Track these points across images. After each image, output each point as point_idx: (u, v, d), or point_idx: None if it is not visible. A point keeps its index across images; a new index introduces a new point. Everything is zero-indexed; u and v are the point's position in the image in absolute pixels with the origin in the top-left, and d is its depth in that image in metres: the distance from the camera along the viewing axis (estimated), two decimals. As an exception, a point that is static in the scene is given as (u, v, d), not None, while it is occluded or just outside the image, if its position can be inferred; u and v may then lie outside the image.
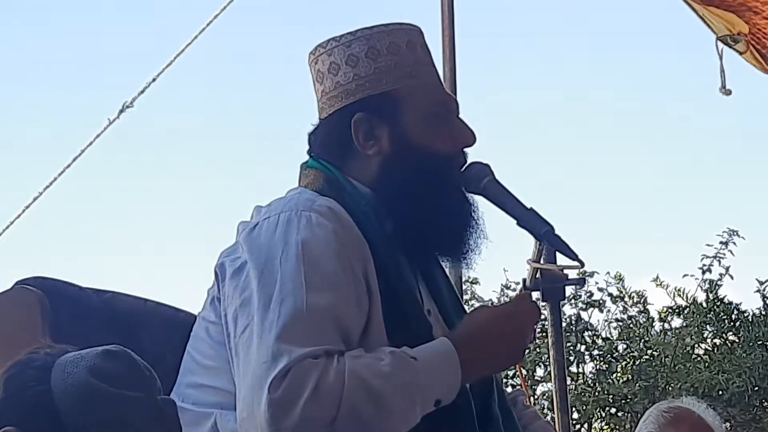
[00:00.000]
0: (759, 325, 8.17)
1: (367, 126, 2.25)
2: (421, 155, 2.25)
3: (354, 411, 1.97)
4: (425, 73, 2.32)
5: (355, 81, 2.26)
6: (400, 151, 2.25)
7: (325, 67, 2.29)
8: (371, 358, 2.03)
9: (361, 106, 2.26)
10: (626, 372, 8.46)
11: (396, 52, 2.28)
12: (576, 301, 8.63)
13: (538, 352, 8.22)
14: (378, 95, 2.26)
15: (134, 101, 5.21)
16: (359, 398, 1.98)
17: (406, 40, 2.30)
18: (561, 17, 10.84)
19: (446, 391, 2.08)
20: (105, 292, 2.42)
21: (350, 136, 2.26)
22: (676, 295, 8.47)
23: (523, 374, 8.06)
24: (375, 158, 2.26)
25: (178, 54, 5.20)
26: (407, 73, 2.28)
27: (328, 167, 2.28)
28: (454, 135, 2.30)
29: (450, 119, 2.31)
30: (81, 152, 5.21)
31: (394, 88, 2.26)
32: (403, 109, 2.26)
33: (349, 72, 2.27)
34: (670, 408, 3.70)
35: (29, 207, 5.26)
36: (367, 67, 2.26)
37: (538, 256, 2.46)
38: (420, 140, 2.26)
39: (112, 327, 2.34)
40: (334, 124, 2.29)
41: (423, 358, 2.07)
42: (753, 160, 11.17)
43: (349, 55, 2.27)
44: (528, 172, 9.39)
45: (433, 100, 2.30)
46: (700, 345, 8.39)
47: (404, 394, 2.03)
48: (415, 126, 2.26)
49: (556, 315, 2.64)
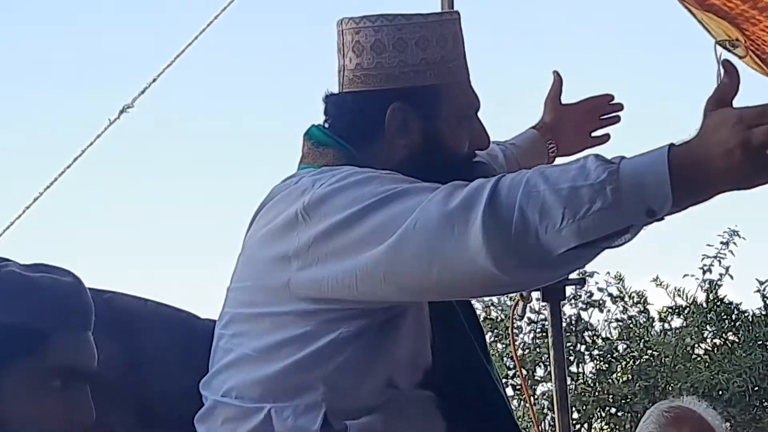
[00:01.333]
0: (759, 325, 8.18)
1: (403, 117, 2.19)
2: (448, 154, 2.21)
3: (527, 216, 1.81)
4: (463, 71, 2.27)
5: (399, 67, 2.19)
6: (429, 147, 2.20)
7: (369, 42, 2.19)
8: (558, 168, 1.85)
9: (400, 95, 2.19)
10: (626, 372, 8.47)
11: (444, 45, 2.22)
12: (576, 301, 8.64)
13: (538, 352, 8.23)
14: (420, 87, 2.19)
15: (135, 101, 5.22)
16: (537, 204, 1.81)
17: (453, 32, 2.24)
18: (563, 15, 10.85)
19: (656, 202, 1.79)
20: (105, 292, 2.41)
21: (382, 122, 2.19)
22: (676, 295, 8.48)
23: (523, 374, 8.07)
24: (403, 150, 2.20)
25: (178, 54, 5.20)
26: (450, 69, 2.22)
27: (349, 149, 2.20)
28: (474, 138, 2.26)
29: (476, 121, 2.28)
30: (81, 152, 5.21)
31: (436, 83, 2.21)
32: (440, 106, 2.21)
33: (395, 56, 2.19)
34: (670, 408, 3.70)
35: (30, 207, 5.26)
36: (414, 56, 2.19)
37: (538, 256, 2.46)
38: (450, 140, 2.22)
39: (112, 327, 2.34)
40: (366, 105, 2.21)
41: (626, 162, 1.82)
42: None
43: (399, 38, 2.19)
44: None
45: (467, 101, 2.26)
46: (700, 345, 8.39)
47: (590, 199, 1.79)
48: (449, 125, 2.22)
49: (556, 315, 2.65)
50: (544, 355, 8.03)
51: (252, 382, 2.11)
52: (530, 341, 8.41)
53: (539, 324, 8.16)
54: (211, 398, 2.17)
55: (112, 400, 2.24)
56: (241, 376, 2.13)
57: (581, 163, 1.83)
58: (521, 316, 2.38)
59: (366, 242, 1.95)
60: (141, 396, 2.31)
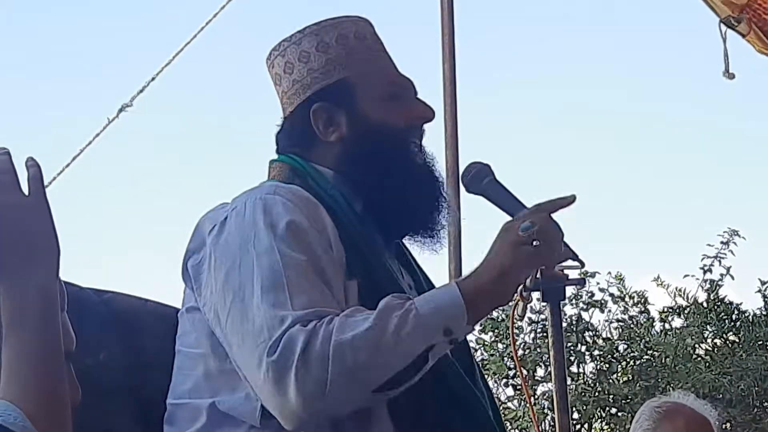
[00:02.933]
0: (760, 325, 8.17)
1: (326, 114, 2.32)
2: (378, 132, 2.31)
3: (345, 366, 1.99)
4: (377, 59, 2.38)
5: (310, 75, 2.34)
6: (358, 131, 2.31)
7: (281, 68, 2.38)
8: (364, 313, 2.05)
9: (318, 97, 2.33)
10: (627, 372, 8.46)
11: (345, 43, 2.35)
12: (577, 301, 8.62)
13: (539, 352, 8.22)
14: (332, 84, 2.33)
15: (133, 100, 5.22)
16: (346, 351, 2.00)
17: (353, 31, 2.37)
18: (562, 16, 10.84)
19: (453, 322, 2.07)
20: (105, 292, 2.42)
21: (312, 126, 2.32)
22: (677, 295, 8.47)
23: (524, 374, 8.06)
24: (337, 143, 2.32)
25: (177, 53, 5.21)
26: (358, 60, 2.35)
27: (293, 158, 2.34)
28: (410, 110, 2.35)
29: (405, 98, 2.37)
30: (80, 152, 5.22)
31: (347, 75, 2.33)
32: (357, 93, 2.33)
33: (302, 68, 2.35)
34: (661, 404, 3.72)
35: (29, 207, 5.23)
36: (319, 60, 2.34)
37: (538, 256, 2.45)
38: (376, 119, 2.32)
39: (112, 327, 2.34)
40: (295, 119, 2.35)
41: (420, 298, 2.10)
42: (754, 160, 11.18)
43: (301, 51, 2.35)
44: (528, 171, 9.40)
45: (386, 80, 2.36)
46: (700, 345, 8.39)
47: (395, 330, 2.03)
48: (370, 106, 2.32)
49: (557, 315, 2.63)
50: (544, 355, 8.02)
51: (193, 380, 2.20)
52: (531, 341, 8.40)
53: (540, 324, 8.15)
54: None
55: (112, 401, 2.24)
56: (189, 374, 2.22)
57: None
58: (521, 317, 2.36)
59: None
60: (141, 396, 2.31)
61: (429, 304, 2.07)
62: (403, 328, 2.03)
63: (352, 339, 2.00)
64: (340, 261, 2.17)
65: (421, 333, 2.04)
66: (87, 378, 1.94)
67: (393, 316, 2.03)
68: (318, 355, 1.99)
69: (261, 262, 2.10)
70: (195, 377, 2.20)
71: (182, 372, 2.23)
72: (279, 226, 2.13)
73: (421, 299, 2.09)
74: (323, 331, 2.00)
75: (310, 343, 1.99)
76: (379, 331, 2.02)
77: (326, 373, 1.99)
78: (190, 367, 2.21)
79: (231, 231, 2.16)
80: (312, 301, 2.06)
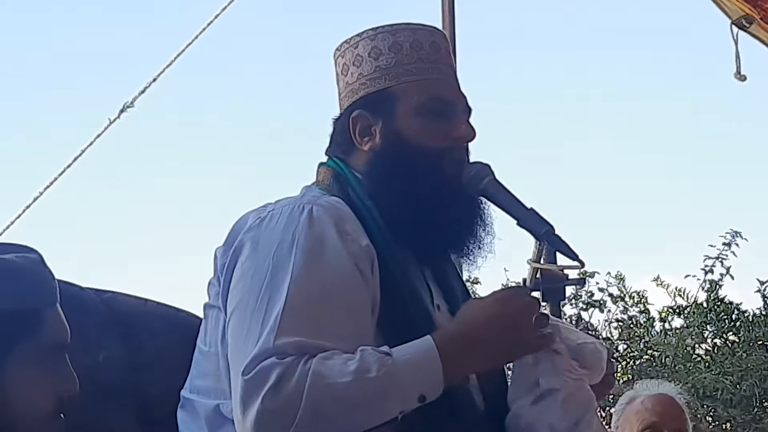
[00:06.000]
0: (759, 325, 8.17)
1: (364, 122, 2.32)
2: (407, 147, 2.29)
3: (316, 414, 1.99)
4: (429, 71, 2.34)
5: (359, 80, 2.35)
6: (389, 144, 2.30)
7: (339, 68, 2.40)
8: (342, 359, 2.03)
9: (361, 104, 2.33)
10: (627, 372, 8.46)
11: (398, 50, 2.34)
12: (576, 301, 8.62)
13: (539, 352, 8.21)
14: (375, 92, 2.32)
15: (135, 101, 5.22)
16: (321, 400, 1.99)
17: (411, 39, 2.35)
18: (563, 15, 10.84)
19: (428, 388, 2.06)
20: (105, 292, 2.42)
21: (350, 132, 2.33)
22: (677, 295, 8.46)
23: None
24: (369, 152, 2.32)
25: (179, 53, 5.22)
26: (407, 71, 2.33)
27: (338, 162, 2.35)
28: (449, 130, 2.31)
29: (447, 115, 2.32)
30: (81, 152, 5.22)
31: (391, 85, 2.32)
32: (397, 105, 2.31)
33: (354, 72, 2.36)
34: (626, 394, 4.01)
35: (30, 207, 5.27)
36: (369, 66, 2.34)
37: (538, 256, 2.46)
38: (409, 134, 2.30)
39: (112, 327, 2.35)
40: (340, 122, 2.37)
41: (399, 354, 2.07)
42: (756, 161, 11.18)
43: (356, 55, 2.36)
44: (528, 171, 9.40)
45: (430, 95, 2.32)
46: (700, 345, 8.38)
47: (373, 392, 2.02)
48: (407, 120, 2.30)
49: (557, 315, 2.64)
50: (544, 355, 8.01)
51: (207, 377, 2.20)
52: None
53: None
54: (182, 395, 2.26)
55: (112, 400, 2.24)
56: (201, 371, 2.23)
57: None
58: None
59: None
60: (141, 396, 2.31)
61: (408, 368, 2.05)
62: (380, 390, 2.02)
63: (328, 387, 2.00)
64: (368, 277, 2.15)
65: (399, 399, 2.04)
66: (87, 378, 1.95)
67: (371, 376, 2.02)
68: (290, 393, 1.99)
69: (274, 277, 2.10)
70: (207, 376, 2.21)
71: (198, 366, 2.24)
72: (304, 244, 2.12)
73: (401, 361, 2.06)
74: (299, 370, 2.00)
75: (283, 378, 1.99)
76: (357, 388, 2.01)
77: (296, 411, 1.98)
78: (204, 364, 2.22)
79: (262, 232, 2.17)
80: (299, 331, 2.04)
